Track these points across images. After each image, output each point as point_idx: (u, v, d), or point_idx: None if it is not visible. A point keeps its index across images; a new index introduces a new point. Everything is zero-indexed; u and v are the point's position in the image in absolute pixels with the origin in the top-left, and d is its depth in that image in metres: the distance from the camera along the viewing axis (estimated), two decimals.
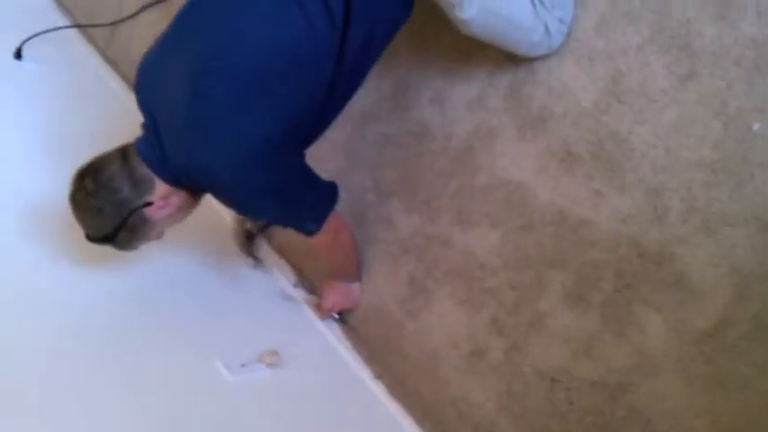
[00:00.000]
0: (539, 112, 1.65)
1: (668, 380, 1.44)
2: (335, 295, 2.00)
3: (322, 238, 1.68)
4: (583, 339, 1.56)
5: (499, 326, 1.70)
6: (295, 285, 2.02)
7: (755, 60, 1.35)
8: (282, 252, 2.23)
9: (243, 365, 1.75)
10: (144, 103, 1.57)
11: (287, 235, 1.80)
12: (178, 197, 1.61)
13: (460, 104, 1.80)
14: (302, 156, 1.60)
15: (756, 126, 1.36)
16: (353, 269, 1.99)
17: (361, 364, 1.97)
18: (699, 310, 1.41)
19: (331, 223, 1.67)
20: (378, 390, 1.93)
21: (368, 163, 2.00)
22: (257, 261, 2.05)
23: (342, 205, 1.69)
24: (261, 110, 1.45)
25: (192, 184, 1.58)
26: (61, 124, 2.31)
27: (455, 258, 1.80)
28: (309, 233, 1.67)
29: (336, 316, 2.04)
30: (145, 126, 1.59)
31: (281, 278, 2.16)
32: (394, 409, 1.89)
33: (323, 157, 1.93)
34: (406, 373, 1.90)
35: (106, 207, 1.55)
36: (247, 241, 2.00)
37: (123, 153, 1.57)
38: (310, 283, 2.14)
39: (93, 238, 1.61)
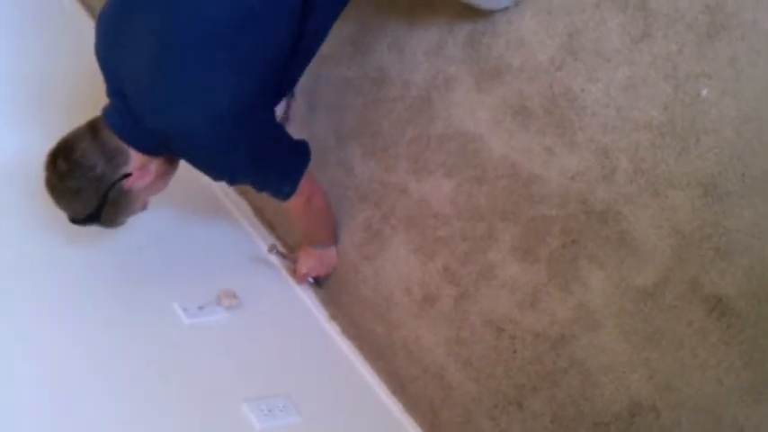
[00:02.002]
0: (496, 64, 1.65)
1: (608, 334, 1.49)
2: (311, 261, 1.97)
3: (296, 201, 1.67)
4: (529, 291, 1.60)
5: (450, 274, 1.74)
6: (269, 251, 2.01)
7: (708, 26, 1.35)
8: (258, 213, 2.24)
9: (200, 308, 1.78)
10: (107, 69, 1.52)
11: (262, 197, 1.81)
12: (155, 164, 1.58)
13: (419, 52, 1.79)
14: (272, 114, 1.59)
15: (704, 92, 1.37)
16: (328, 234, 1.97)
17: (317, 306, 2.01)
18: (640, 268, 1.45)
19: (305, 186, 1.66)
20: (332, 330, 1.98)
21: (327, 106, 2.00)
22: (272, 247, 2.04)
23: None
24: (228, 67, 1.42)
25: (166, 150, 1.55)
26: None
27: (410, 206, 1.82)
28: (284, 196, 1.66)
29: (312, 281, 2.04)
30: (111, 93, 1.54)
31: (256, 242, 2.16)
32: (347, 348, 1.94)
33: None
34: (361, 314, 1.95)
35: (83, 186, 1.51)
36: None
37: (92, 127, 1.52)
38: (286, 245, 2.14)
39: (77, 220, 1.58)
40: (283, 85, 1.61)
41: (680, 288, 1.40)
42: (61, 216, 1.59)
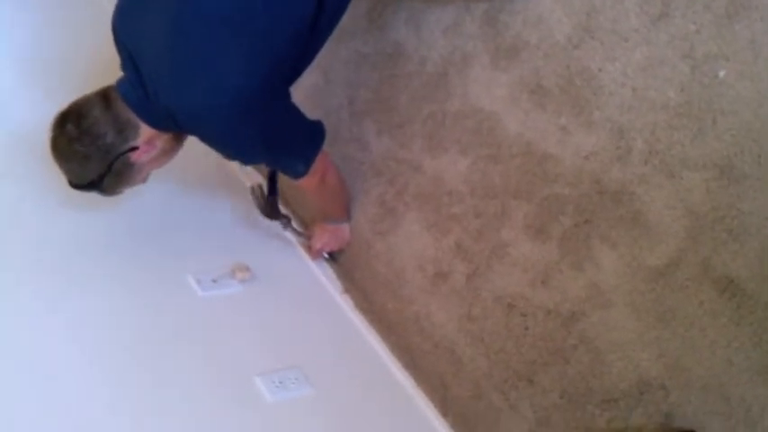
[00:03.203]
0: (513, 42, 1.65)
1: (619, 313, 1.50)
2: (325, 236, 2.00)
3: (309, 179, 1.68)
4: (541, 269, 1.62)
5: (463, 251, 1.76)
6: (284, 228, 2.02)
7: (726, 6, 1.34)
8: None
9: (214, 281, 1.80)
10: (123, 43, 1.53)
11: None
12: (162, 140, 1.59)
13: (436, 28, 1.78)
14: (288, 95, 1.59)
15: (722, 73, 1.36)
16: (342, 210, 2.00)
17: (330, 280, 2.03)
18: (652, 248, 1.46)
19: (318, 164, 1.66)
20: (345, 304, 2.00)
21: (342, 81, 2.00)
22: (284, 220, 2.03)
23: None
24: (243, 49, 1.42)
25: (178, 127, 1.56)
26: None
27: (424, 183, 1.83)
28: (297, 175, 1.66)
29: (327, 256, 2.06)
30: (125, 67, 1.55)
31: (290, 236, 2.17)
32: (359, 322, 1.96)
33: None
34: (373, 289, 1.97)
35: (91, 153, 1.52)
36: (268, 204, 1.97)
37: (105, 96, 1.53)
38: (302, 221, 2.15)
39: (77, 185, 1.59)
40: (300, 65, 1.61)
41: (692, 269, 1.41)
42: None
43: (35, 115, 1.62)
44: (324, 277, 2.03)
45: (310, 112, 1.65)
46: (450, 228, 1.78)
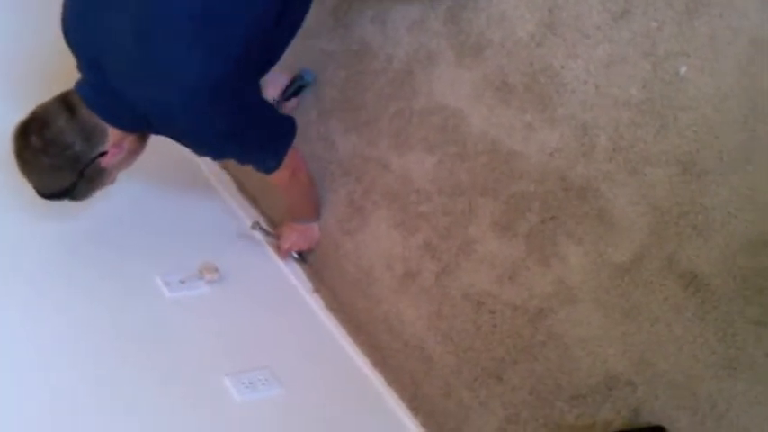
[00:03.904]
0: (477, 39, 1.65)
1: (585, 309, 1.51)
2: (294, 236, 1.98)
3: (281, 174, 1.67)
4: (508, 266, 1.62)
5: (431, 249, 1.75)
6: (252, 227, 2.00)
7: (687, 3, 1.35)
8: (241, 187, 2.23)
9: (182, 282, 1.79)
10: (79, 43, 1.49)
11: (245, 171, 1.80)
12: (129, 141, 1.57)
13: (401, 25, 1.78)
14: (257, 88, 1.57)
15: (683, 69, 1.37)
16: (311, 209, 1.98)
17: (299, 279, 2.02)
18: (617, 244, 1.46)
19: (290, 160, 1.65)
20: (315, 303, 1.99)
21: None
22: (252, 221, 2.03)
23: None
24: (210, 43, 1.40)
25: (146, 125, 1.54)
26: None
27: (392, 181, 1.83)
28: (268, 170, 1.65)
29: (296, 255, 2.05)
30: (85, 69, 1.51)
31: (238, 216, 2.16)
32: (329, 321, 1.96)
33: None
34: (342, 288, 1.96)
35: (59, 164, 1.49)
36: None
37: (66, 103, 1.49)
38: (269, 221, 2.14)
39: (47, 194, 1.55)
40: (267, 60, 1.60)
41: (656, 264, 1.42)
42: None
43: None
44: (293, 277, 2.02)
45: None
46: (418, 226, 1.77)
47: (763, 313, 1.31)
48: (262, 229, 2.01)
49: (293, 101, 2.02)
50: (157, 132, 1.59)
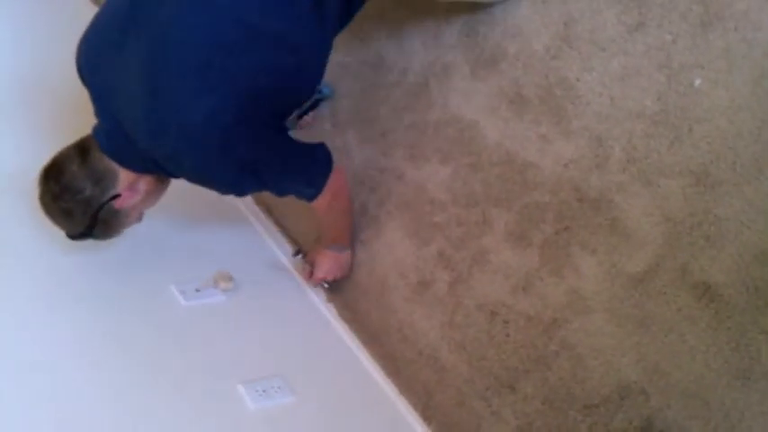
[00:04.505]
0: (492, 52, 1.67)
1: (599, 319, 1.52)
2: (328, 263, 1.94)
3: (323, 199, 1.66)
4: (522, 276, 1.63)
5: (445, 259, 1.77)
6: (294, 254, 2.00)
7: (701, 16, 1.37)
8: (255, 196, 2.24)
9: (197, 290, 1.81)
10: (96, 90, 1.51)
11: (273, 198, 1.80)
12: (144, 182, 1.58)
13: (417, 39, 1.80)
14: (280, 128, 1.57)
15: (698, 82, 1.39)
16: (347, 234, 1.94)
17: (314, 289, 2.04)
18: (631, 255, 1.48)
19: (332, 183, 1.65)
20: (329, 313, 2.00)
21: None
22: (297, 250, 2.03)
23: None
24: (222, 89, 1.39)
25: (160, 170, 1.54)
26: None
27: (406, 192, 1.84)
28: (308, 199, 1.66)
29: (326, 285, 2.02)
30: (100, 114, 1.53)
31: (252, 223, 2.17)
32: (342, 330, 1.97)
33: None
34: (356, 297, 1.97)
35: (73, 208, 1.52)
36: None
37: (81, 148, 1.52)
38: (294, 240, 2.14)
39: (71, 236, 1.59)
40: (292, 102, 1.59)
41: (670, 275, 1.43)
42: None
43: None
44: (307, 287, 2.03)
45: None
46: (432, 236, 1.79)
47: None
48: (296, 254, 2.00)
49: (310, 115, 2.03)
50: (172, 176, 1.60)
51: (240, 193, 1.64)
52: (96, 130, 1.54)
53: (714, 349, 1.38)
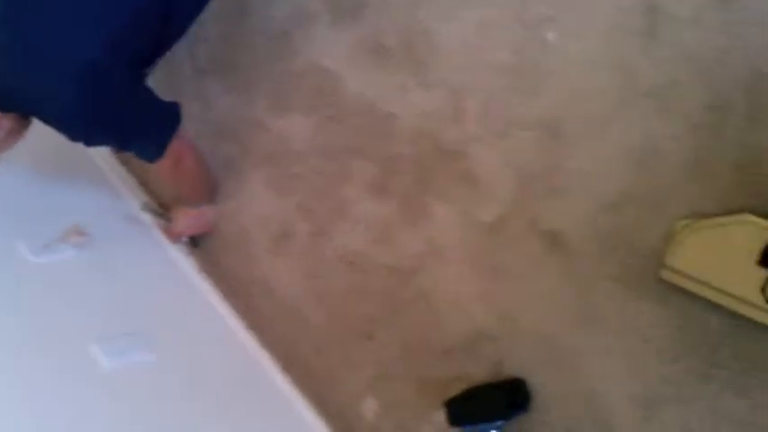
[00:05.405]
0: (354, 1, 1.65)
1: (453, 267, 1.55)
2: (185, 219, 1.90)
3: (163, 163, 1.61)
4: (381, 226, 1.64)
5: (306, 210, 1.76)
6: (142, 209, 1.94)
7: None
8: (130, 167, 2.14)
9: (46, 246, 1.71)
10: None
11: None
12: (8, 120, 1.52)
13: None
14: (138, 77, 1.53)
15: (552, 35, 1.42)
16: (202, 193, 1.89)
17: (174, 244, 1.98)
18: (484, 205, 1.51)
19: (173, 149, 1.59)
20: (190, 267, 1.95)
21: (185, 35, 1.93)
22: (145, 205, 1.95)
23: (159, 79, 1.64)
24: (84, 31, 1.38)
25: (18, 108, 1.49)
26: None
27: (269, 143, 1.82)
28: (149, 159, 1.60)
29: (186, 240, 1.97)
30: None
31: (127, 199, 2.06)
32: (204, 284, 1.92)
33: None
34: (218, 251, 1.94)
35: None
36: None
37: None
38: (159, 200, 2.06)
39: None
40: (155, 52, 1.57)
41: (520, 224, 1.47)
42: None
43: None
44: (166, 240, 1.97)
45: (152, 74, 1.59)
46: (293, 187, 1.77)
47: (618, 270, 1.38)
48: (152, 210, 1.94)
49: None
50: (27, 113, 1.55)
51: (92, 139, 1.58)
52: None
53: (560, 297, 1.44)
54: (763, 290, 1.19)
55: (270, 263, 1.83)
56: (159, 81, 1.65)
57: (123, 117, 1.51)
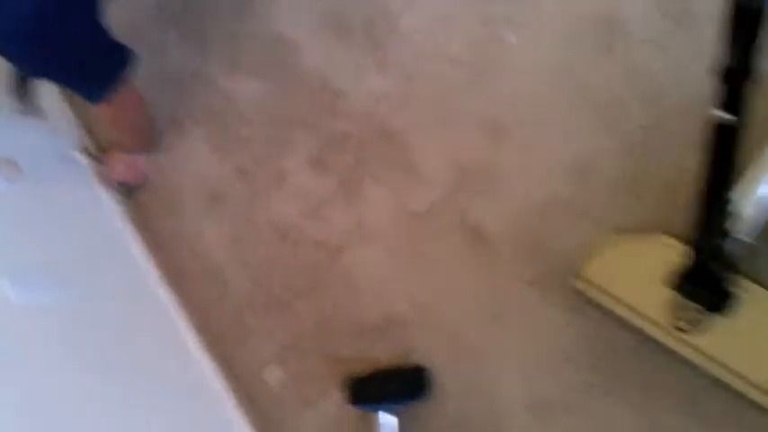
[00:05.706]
0: None
1: (378, 250, 1.57)
2: (120, 166, 1.86)
3: (104, 107, 1.58)
4: (316, 201, 1.65)
5: (245, 175, 1.75)
6: (81, 151, 1.88)
7: None
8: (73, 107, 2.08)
9: None
10: None
11: None
12: None
13: None
14: (94, 10, 1.45)
15: (509, 35, 1.46)
16: (140, 143, 1.86)
17: (107, 189, 1.94)
18: (418, 193, 1.53)
19: (118, 93, 1.55)
20: (118, 215, 1.92)
21: None
22: (29, 108, 1.84)
23: (119, 21, 1.61)
24: None
25: None
26: None
27: (217, 101, 1.80)
28: (91, 101, 1.56)
29: (119, 186, 1.92)
30: None
31: (65, 138, 2.01)
32: (130, 235, 1.89)
33: None
34: (150, 204, 1.90)
35: None
36: (21, 82, 1.76)
37: None
38: (97, 145, 2.01)
39: None
40: None
41: (449, 217, 1.50)
42: None
43: None
44: (101, 186, 1.94)
45: (112, 14, 1.55)
46: (235, 150, 1.76)
47: (535, 274, 1.41)
48: (90, 154, 1.90)
49: None
50: None
51: (34, 70, 1.53)
52: None
53: (474, 292, 1.46)
54: (671, 312, 1.23)
55: (199, 222, 1.81)
56: (118, 21, 1.61)
57: (70, 46, 1.45)
